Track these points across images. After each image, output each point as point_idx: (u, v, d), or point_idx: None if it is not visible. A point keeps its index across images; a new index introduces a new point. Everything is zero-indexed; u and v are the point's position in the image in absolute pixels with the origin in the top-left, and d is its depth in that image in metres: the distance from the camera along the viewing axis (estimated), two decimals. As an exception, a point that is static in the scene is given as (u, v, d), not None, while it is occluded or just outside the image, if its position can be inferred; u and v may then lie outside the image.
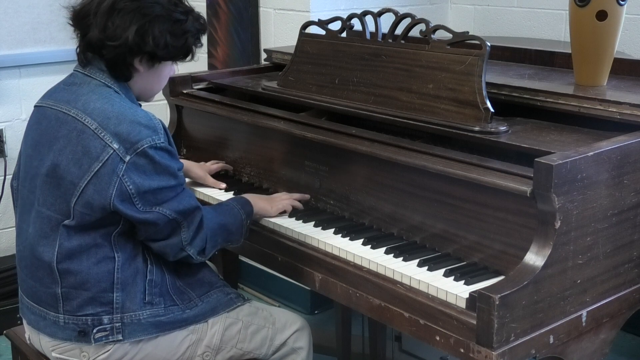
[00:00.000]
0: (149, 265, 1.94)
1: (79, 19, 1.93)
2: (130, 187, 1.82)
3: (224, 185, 2.37)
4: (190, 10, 1.97)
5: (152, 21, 1.88)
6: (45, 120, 1.94)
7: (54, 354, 1.96)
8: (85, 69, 1.94)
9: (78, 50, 1.95)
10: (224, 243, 2.05)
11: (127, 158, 1.82)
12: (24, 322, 2.04)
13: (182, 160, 2.38)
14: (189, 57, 2.00)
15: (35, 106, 2.00)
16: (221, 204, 2.11)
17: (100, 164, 1.82)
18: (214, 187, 2.37)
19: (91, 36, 1.89)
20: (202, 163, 2.46)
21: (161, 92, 2.67)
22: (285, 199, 2.19)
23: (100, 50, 1.89)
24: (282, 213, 2.18)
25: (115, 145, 1.82)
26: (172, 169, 1.88)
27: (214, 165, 2.46)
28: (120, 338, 1.90)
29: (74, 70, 1.98)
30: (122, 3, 1.88)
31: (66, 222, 1.86)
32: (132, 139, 1.82)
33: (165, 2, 1.91)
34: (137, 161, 1.82)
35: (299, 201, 2.20)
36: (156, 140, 1.84)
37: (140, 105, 1.99)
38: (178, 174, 1.90)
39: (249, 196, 2.17)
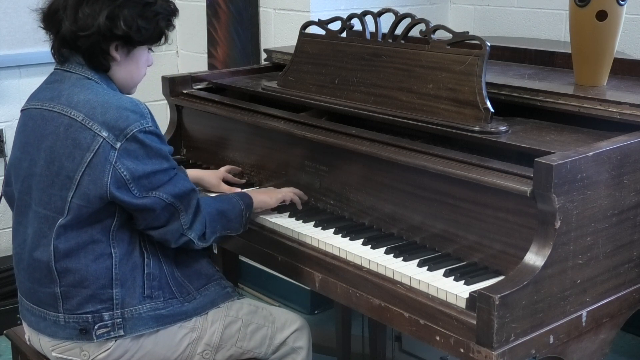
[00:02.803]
0: (145, 259, 1.94)
1: (50, 18, 1.93)
2: (125, 173, 1.82)
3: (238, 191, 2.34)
4: None
5: (120, 5, 1.89)
6: (31, 121, 1.94)
7: (54, 354, 1.96)
8: (64, 65, 1.94)
9: (53, 49, 1.95)
10: (224, 231, 2.05)
11: (118, 145, 1.82)
12: (24, 323, 2.04)
13: (193, 170, 2.37)
14: (162, 41, 2.00)
15: (21, 111, 2.01)
16: (219, 195, 2.13)
17: (92, 154, 1.82)
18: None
19: (64, 31, 1.89)
20: (213, 170, 2.44)
21: (161, 92, 2.68)
22: (284, 189, 2.20)
23: (75, 42, 1.89)
24: (282, 212, 2.19)
25: (105, 134, 1.82)
26: (163, 151, 1.89)
27: (225, 168, 2.44)
28: (122, 333, 1.90)
29: (54, 68, 1.98)
30: None
31: (61, 219, 1.86)
32: (120, 125, 1.83)
33: None
34: (129, 147, 1.83)
35: (299, 197, 2.20)
36: (144, 124, 1.85)
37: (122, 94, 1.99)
38: (169, 156, 1.91)
39: (248, 191, 2.18)
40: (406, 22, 2.21)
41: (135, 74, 2.01)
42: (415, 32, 2.20)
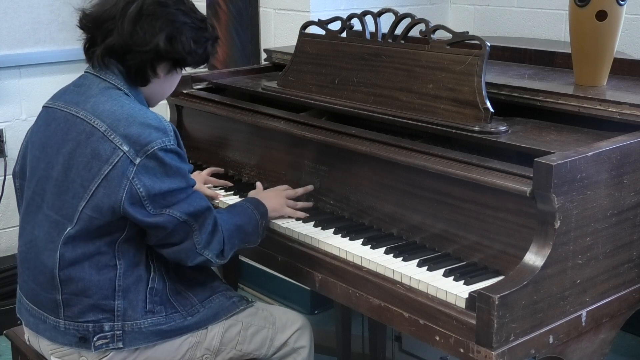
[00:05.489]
0: (151, 273, 1.92)
1: (98, 24, 1.91)
2: (141, 189, 1.80)
3: (221, 196, 2.32)
4: (205, 19, 2.01)
5: (179, 28, 1.90)
6: (55, 122, 1.92)
7: (53, 358, 1.95)
8: (96, 69, 1.93)
9: (88, 52, 1.94)
10: (242, 244, 2.03)
11: (138, 160, 1.80)
12: (23, 323, 2.03)
13: None
14: (203, 65, 2.04)
15: (44, 107, 1.99)
16: (234, 205, 2.09)
17: (110, 167, 1.81)
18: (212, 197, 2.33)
19: (114, 41, 1.88)
20: (197, 172, 2.41)
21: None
22: (290, 207, 2.16)
23: (124, 55, 1.88)
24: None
25: (125, 148, 1.81)
26: (182, 170, 1.87)
27: (208, 171, 2.43)
28: (121, 346, 1.89)
29: (85, 71, 1.97)
30: (149, 9, 1.88)
31: (70, 228, 1.85)
32: (142, 141, 1.81)
33: (187, 9, 1.94)
34: (147, 163, 1.81)
35: (303, 193, 2.20)
36: (166, 142, 1.83)
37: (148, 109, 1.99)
38: (188, 175, 1.89)
39: (258, 197, 2.15)
40: (406, 22, 2.21)
41: (167, 91, 2.03)
42: (415, 32, 2.20)
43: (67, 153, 1.87)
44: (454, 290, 1.70)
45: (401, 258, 1.87)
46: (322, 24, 2.43)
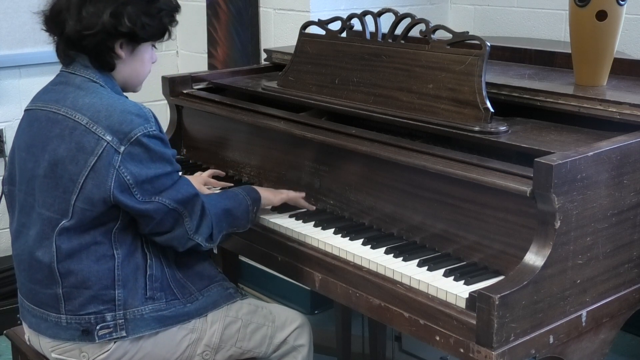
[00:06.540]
0: (148, 260, 1.94)
1: (53, 19, 1.94)
2: (128, 177, 1.82)
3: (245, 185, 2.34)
4: None
5: (124, 3, 1.90)
6: (37, 122, 1.94)
7: (53, 355, 1.96)
8: (69, 67, 1.95)
9: (58, 50, 1.96)
10: (230, 228, 2.05)
11: (122, 149, 1.82)
12: (25, 325, 2.04)
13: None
14: (166, 36, 2.01)
15: (25, 110, 2.01)
16: (226, 191, 2.12)
17: (96, 158, 1.82)
18: None
19: (68, 31, 1.90)
20: (199, 173, 2.43)
21: (161, 92, 2.68)
22: (288, 191, 2.20)
23: (80, 42, 1.90)
24: (282, 212, 2.19)
25: (109, 137, 1.82)
26: (166, 155, 1.89)
27: (209, 173, 2.44)
28: (124, 334, 1.90)
29: (60, 70, 1.99)
30: None
31: (65, 222, 1.86)
32: (124, 129, 1.83)
33: None
34: (132, 151, 1.83)
35: (304, 205, 2.20)
36: (148, 128, 1.85)
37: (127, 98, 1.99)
38: (173, 160, 1.91)
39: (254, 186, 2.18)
40: (406, 22, 2.21)
41: (141, 71, 2.02)
42: (415, 32, 2.20)
43: (52, 150, 1.88)
44: (454, 290, 1.70)
45: (401, 258, 1.87)
46: (322, 24, 2.43)
